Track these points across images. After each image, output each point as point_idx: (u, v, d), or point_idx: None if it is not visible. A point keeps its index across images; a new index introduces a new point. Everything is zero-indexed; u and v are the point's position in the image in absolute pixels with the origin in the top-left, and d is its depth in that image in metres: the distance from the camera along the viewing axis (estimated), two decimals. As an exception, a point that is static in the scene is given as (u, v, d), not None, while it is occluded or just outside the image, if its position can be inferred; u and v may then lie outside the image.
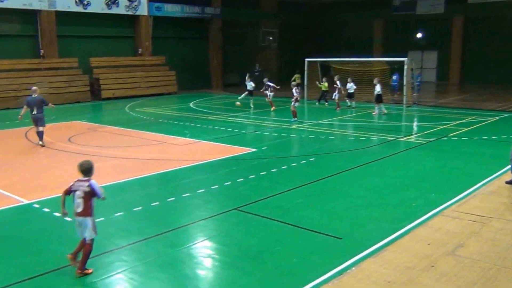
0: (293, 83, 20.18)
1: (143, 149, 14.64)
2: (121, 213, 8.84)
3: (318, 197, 9.75)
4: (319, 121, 20.06)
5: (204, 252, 7.21)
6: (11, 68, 27.44)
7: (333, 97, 23.65)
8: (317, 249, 7.17)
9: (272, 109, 23.07)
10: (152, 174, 11.68)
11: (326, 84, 25.31)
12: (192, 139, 16.01)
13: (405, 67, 24.30)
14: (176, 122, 20.16)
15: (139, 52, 33.56)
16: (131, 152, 14.19)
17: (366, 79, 25.35)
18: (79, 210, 6.49)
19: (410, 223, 8.13)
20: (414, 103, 24.95)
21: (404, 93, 24.67)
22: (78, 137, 16.89)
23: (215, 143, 15.45)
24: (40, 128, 15.28)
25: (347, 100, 23.46)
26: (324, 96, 25.48)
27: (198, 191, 10.14)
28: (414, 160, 13.05)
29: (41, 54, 28.94)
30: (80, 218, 6.51)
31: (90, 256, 6.58)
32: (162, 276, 6.46)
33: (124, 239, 7.63)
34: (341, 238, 7.53)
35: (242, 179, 10.98)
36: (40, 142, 15.22)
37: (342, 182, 10.90)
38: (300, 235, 7.76)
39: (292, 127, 18.36)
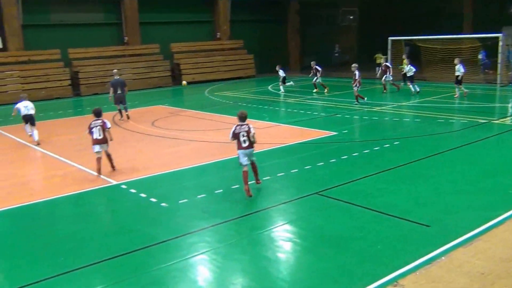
0: (354, 65, 19.49)
1: (222, 132, 14.89)
2: (203, 195, 9.11)
3: (403, 182, 9.42)
4: (404, 103, 19.32)
5: (284, 235, 7.25)
6: (97, 55, 29.06)
7: (382, 80, 22.51)
8: (402, 237, 6.94)
9: (324, 90, 22.89)
10: (232, 158, 11.84)
11: (405, 61, 24.32)
12: (271, 123, 16.09)
13: (500, 43, 22.64)
14: (254, 106, 20.34)
15: (218, 37, 34.11)
16: (211, 135, 14.53)
17: (456, 57, 23.89)
18: (246, 144, 9.00)
19: (505, 211, 7.62)
20: (510, 83, 23.25)
21: (498, 71, 23.05)
22: (161, 121, 17.57)
23: (294, 126, 15.42)
24: (124, 106, 17.95)
25: (409, 85, 21.64)
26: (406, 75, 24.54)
27: (278, 175, 10.19)
28: (509, 144, 12.21)
29: (125, 41, 30.33)
30: (248, 150, 9.02)
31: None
32: (244, 258, 6.60)
33: (207, 220, 7.86)
34: (429, 226, 7.23)
35: (322, 163, 10.87)
36: (126, 115, 17.88)
37: (430, 167, 10.43)
38: (384, 221, 7.56)
39: (374, 109, 17.85)
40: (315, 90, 23.21)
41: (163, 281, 6.05)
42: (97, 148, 10.83)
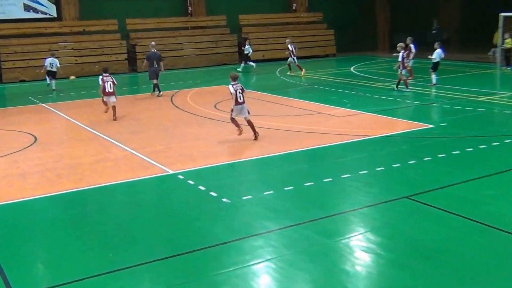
0: (400, 44, 18.84)
1: (295, 119, 14.80)
2: (271, 192, 9.05)
3: (516, 189, 8.90)
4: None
5: (365, 245, 7.05)
6: (157, 27, 29.77)
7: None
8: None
9: (289, 73, 24.42)
10: (305, 149, 11.75)
11: (509, 40, 23.00)
12: (352, 110, 15.78)
13: None
14: (333, 90, 20.04)
15: (293, 8, 33.86)
16: (281, 122, 14.45)
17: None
18: (241, 100, 12.26)
19: None
20: None
21: None
22: (225, 103, 17.62)
23: (380, 115, 15.02)
24: (155, 81, 19.62)
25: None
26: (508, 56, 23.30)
27: (360, 172, 9.95)
28: None
29: (189, 11, 30.80)
30: (243, 105, 12.34)
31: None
32: (316, 269, 6.46)
33: (274, 221, 7.79)
34: (548, 246, 6.75)
35: (414, 161, 10.50)
36: (158, 93, 19.66)
37: (550, 172, 9.77)
38: (489, 235, 7.17)
39: (479, 99, 16.99)
40: (289, 73, 24.44)
41: (221, 289, 6.06)
42: (105, 98, 15.47)
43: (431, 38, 33.16)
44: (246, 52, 26.54)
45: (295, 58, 24.17)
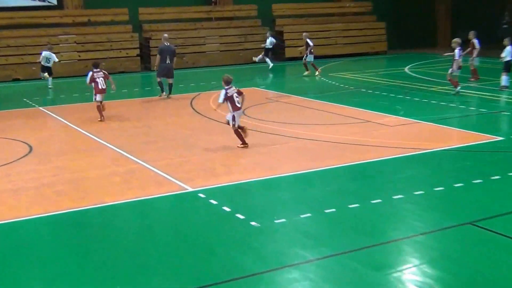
0: (456, 40, 19.02)
1: (336, 128, 14.85)
2: (308, 214, 9.11)
3: None
4: None
5: (420, 280, 7.05)
6: (175, 18, 30.13)
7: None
8: None
9: (306, 73, 25.10)
10: (349, 164, 11.78)
11: None
12: (406, 119, 15.79)
13: None
14: (384, 94, 20.04)
15: (338, -4, 33.99)
16: (320, 132, 14.50)
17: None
18: (240, 105, 12.94)
19: None
20: None
21: None
22: (254, 109, 17.81)
23: (439, 125, 15.00)
24: (170, 81, 19.92)
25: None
26: None
27: (415, 193, 9.96)
28: None
29: (213, 0, 31.11)
30: (242, 110, 13.27)
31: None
32: (362, 308, 6.52)
33: (311, 250, 7.84)
34: None
35: (480, 181, 10.48)
36: (163, 93, 19.99)
37: None
38: None
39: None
40: (306, 73, 25.11)
41: (249, 329, 6.15)
42: (99, 97, 16.29)
43: (500, 33, 32.86)
44: (267, 46, 27.02)
45: (310, 56, 24.72)
